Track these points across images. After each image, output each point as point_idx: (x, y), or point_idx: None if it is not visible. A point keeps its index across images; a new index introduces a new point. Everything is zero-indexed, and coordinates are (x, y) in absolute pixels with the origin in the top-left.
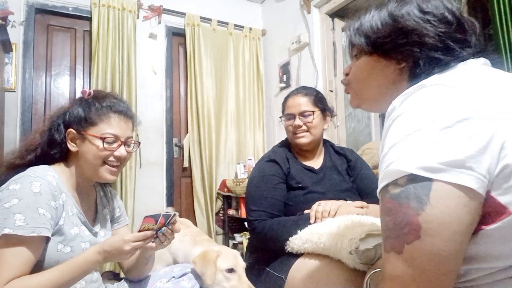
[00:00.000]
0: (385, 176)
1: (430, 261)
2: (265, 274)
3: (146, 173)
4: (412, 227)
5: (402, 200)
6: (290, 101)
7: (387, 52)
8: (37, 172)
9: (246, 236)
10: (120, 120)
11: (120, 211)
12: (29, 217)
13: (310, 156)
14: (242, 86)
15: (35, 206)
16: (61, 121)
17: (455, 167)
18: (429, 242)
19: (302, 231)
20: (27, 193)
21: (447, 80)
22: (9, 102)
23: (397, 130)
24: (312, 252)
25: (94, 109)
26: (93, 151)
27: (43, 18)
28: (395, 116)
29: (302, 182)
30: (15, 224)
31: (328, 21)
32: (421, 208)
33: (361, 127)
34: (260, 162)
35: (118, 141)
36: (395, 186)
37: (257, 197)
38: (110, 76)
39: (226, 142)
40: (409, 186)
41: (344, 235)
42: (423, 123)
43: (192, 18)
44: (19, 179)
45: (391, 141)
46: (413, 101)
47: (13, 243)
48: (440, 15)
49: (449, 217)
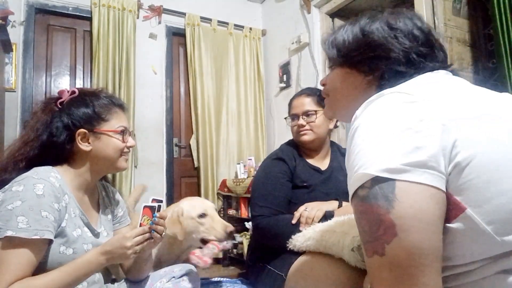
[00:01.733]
0: (353, 182)
1: (412, 255)
2: (265, 272)
3: (146, 173)
4: (386, 225)
5: (371, 201)
6: (294, 102)
7: (356, 64)
8: (40, 174)
9: (246, 236)
10: (122, 113)
11: (122, 211)
12: (32, 220)
13: (316, 156)
14: (243, 86)
15: (38, 209)
16: (58, 125)
17: (417, 167)
18: (406, 237)
19: (306, 229)
20: (30, 195)
21: (404, 88)
22: (9, 102)
23: (360, 137)
24: (314, 250)
25: (98, 105)
26: (112, 145)
27: (43, 18)
28: (357, 124)
29: (307, 181)
30: (17, 227)
31: (328, 21)
32: (390, 205)
33: None
34: (267, 159)
35: (128, 132)
36: (363, 189)
37: (262, 194)
38: (110, 76)
39: (226, 142)
40: (375, 187)
41: (347, 233)
42: (383, 128)
43: (192, 18)
44: (22, 180)
45: (356, 148)
46: (373, 109)
47: (15, 245)
48: (407, 31)
49: (420, 210)
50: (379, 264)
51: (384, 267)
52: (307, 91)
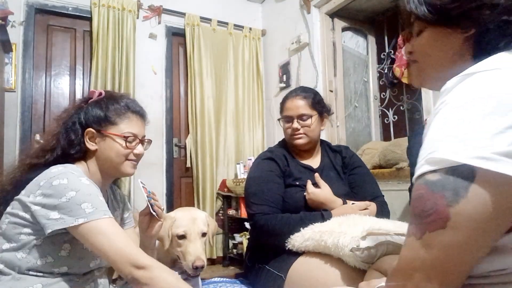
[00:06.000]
0: (425, 163)
1: (447, 251)
2: (265, 273)
3: (146, 173)
4: (439, 216)
5: (437, 189)
6: (289, 103)
7: (453, 19)
8: (73, 169)
9: (246, 236)
10: (138, 120)
11: (128, 213)
12: (95, 203)
13: (307, 155)
14: (242, 86)
15: (95, 193)
16: (76, 120)
17: (507, 156)
18: (452, 234)
19: (304, 229)
20: (81, 184)
21: (508, 62)
22: (9, 102)
23: (447, 117)
24: (313, 251)
25: (113, 108)
26: (115, 149)
27: (43, 18)
28: (447, 101)
29: (300, 179)
30: (86, 212)
31: (328, 21)
32: (456, 201)
33: (361, 127)
34: (257, 160)
35: (136, 140)
36: (434, 174)
37: (256, 192)
38: (110, 76)
39: (226, 142)
40: (449, 177)
41: (346, 233)
42: (476, 112)
43: (192, 18)
44: (61, 175)
45: (438, 127)
46: (467, 87)
47: (95, 228)
48: None
49: (482, 214)
50: (412, 244)
51: (416, 248)
52: (302, 93)
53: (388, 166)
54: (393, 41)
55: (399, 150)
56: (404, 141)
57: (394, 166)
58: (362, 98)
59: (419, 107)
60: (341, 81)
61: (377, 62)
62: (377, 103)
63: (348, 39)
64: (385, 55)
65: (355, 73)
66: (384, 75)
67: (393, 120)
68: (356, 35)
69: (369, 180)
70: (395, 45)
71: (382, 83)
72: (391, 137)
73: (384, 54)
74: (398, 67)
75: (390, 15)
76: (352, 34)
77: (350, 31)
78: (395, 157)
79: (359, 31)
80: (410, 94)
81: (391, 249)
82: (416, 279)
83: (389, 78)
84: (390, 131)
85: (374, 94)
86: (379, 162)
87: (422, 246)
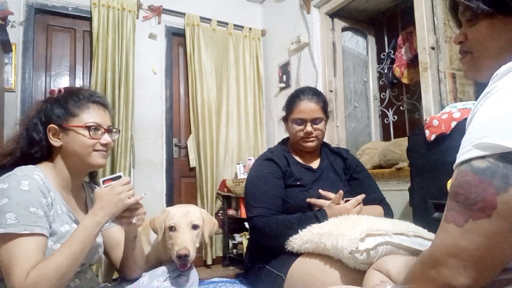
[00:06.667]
0: (474, 148)
1: (490, 241)
2: (264, 273)
3: (146, 173)
4: (485, 205)
5: (486, 176)
6: (303, 106)
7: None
8: (24, 171)
9: (246, 236)
10: (99, 109)
11: None
12: (20, 215)
13: (308, 156)
14: (242, 86)
15: (25, 204)
16: (37, 120)
17: None
18: (497, 223)
19: (302, 231)
20: (16, 191)
21: None
22: (8, 102)
23: (499, 102)
24: (312, 252)
25: (72, 101)
26: (80, 141)
27: (43, 18)
28: (500, 86)
29: (300, 179)
30: (6, 223)
31: (328, 21)
32: (504, 189)
33: (361, 127)
34: (258, 161)
35: (101, 129)
36: (482, 161)
37: (256, 194)
38: (110, 76)
39: (226, 142)
40: (499, 164)
41: (345, 235)
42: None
43: (192, 18)
44: (6, 178)
45: (490, 112)
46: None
47: (10, 240)
48: None
49: None
50: (452, 231)
51: (455, 236)
52: (315, 97)
53: (388, 166)
54: (393, 41)
55: (399, 150)
56: (404, 141)
57: (394, 166)
58: (362, 98)
59: (419, 107)
60: (341, 81)
61: (377, 62)
62: (377, 103)
63: (348, 39)
64: (385, 55)
65: (355, 73)
66: (384, 75)
67: (393, 120)
68: (356, 35)
69: (372, 184)
70: (395, 45)
71: (382, 83)
72: (391, 137)
73: (384, 54)
74: (398, 67)
75: (390, 15)
76: (352, 34)
77: (350, 31)
78: (395, 157)
79: (359, 31)
80: (410, 94)
81: (390, 249)
82: (451, 266)
83: (389, 78)
84: (390, 131)
85: (374, 94)
86: (379, 162)
87: (464, 234)
